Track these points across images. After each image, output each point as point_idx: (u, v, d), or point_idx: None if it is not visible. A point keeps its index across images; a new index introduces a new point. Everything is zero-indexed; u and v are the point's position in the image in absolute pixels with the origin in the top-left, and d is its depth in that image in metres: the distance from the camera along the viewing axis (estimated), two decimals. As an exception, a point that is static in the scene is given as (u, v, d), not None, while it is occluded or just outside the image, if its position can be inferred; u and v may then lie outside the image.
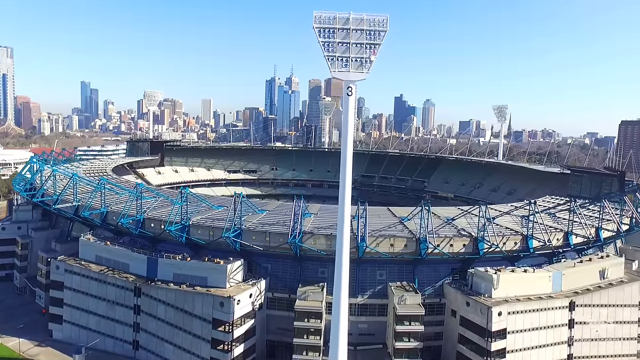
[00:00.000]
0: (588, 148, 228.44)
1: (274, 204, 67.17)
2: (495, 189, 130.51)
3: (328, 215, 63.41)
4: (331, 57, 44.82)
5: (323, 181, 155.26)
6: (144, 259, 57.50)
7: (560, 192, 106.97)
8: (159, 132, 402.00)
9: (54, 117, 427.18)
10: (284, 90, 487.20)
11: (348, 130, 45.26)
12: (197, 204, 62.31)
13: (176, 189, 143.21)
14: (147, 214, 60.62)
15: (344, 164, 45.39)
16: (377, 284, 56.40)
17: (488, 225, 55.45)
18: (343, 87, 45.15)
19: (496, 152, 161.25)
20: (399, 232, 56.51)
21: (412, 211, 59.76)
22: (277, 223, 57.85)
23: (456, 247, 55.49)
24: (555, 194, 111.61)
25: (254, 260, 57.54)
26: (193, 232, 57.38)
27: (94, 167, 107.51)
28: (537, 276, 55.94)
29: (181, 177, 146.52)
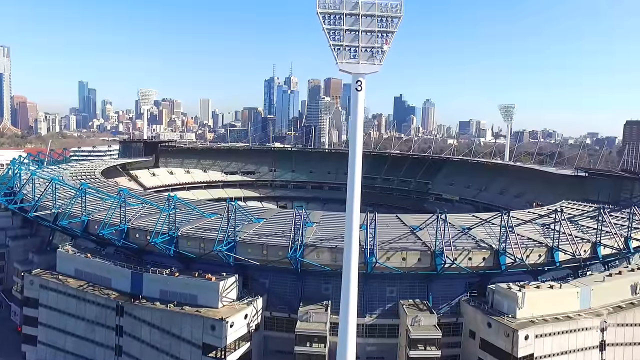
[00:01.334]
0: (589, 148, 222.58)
1: (272, 211, 61.06)
2: (503, 191, 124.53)
3: (332, 223, 57.29)
4: (338, 46, 38.65)
5: (323, 183, 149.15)
6: (127, 274, 51.23)
7: (573, 196, 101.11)
8: (156, 132, 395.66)
9: (50, 117, 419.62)
10: (283, 90, 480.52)
11: (357, 130, 39.16)
12: (187, 211, 55.93)
13: (172, 191, 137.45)
14: (132, 223, 54.29)
15: (352, 169, 39.27)
16: (387, 302, 50.25)
17: (509, 236, 49.38)
18: (352, 81, 38.98)
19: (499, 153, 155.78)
20: (411, 244, 50.33)
21: (425, 220, 53.50)
22: (276, 234, 51.60)
23: (475, 260, 49.34)
24: (567, 197, 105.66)
25: (250, 275, 51.34)
26: (182, 244, 51.11)
27: (83, 169, 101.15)
28: (565, 292, 49.89)
29: (176, 178, 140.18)
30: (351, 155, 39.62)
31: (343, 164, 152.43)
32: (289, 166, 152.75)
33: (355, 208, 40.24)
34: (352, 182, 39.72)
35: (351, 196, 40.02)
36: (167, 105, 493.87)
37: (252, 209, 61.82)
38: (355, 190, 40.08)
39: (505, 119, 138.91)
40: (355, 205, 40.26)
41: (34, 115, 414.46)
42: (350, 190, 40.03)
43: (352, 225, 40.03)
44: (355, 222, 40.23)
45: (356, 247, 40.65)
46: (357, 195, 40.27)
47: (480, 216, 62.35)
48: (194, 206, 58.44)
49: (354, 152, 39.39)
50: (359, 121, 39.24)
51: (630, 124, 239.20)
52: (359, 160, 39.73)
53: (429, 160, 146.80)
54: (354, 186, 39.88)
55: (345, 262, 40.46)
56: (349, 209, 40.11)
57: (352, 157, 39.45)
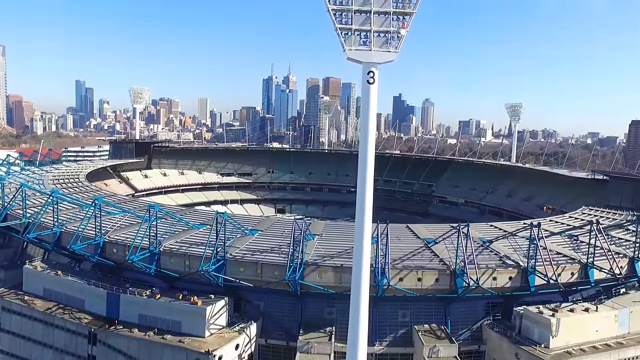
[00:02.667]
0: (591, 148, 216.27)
1: (268, 221, 54.12)
2: (511, 194, 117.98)
3: (335, 235, 50.46)
4: (345, 30, 31.83)
5: (323, 184, 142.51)
6: (102, 295, 44.26)
7: (587, 200, 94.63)
8: (154, 131, 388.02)
9: (47, 117, 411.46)
10: (282, 89, 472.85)
11: (369, 130, 32.39)
12: (172, 222, 48.92)
13: (165, 194, 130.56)
14: (109, 237, 47.31)
15: (363, 176, 32.64)
16: (400, 327, 43.45)
17: (536, 251, 42.65)
18: (362, 72, 32.14)
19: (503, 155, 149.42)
20: (427, 261, 43.50)
21: (442, 234, 46.59)
22: (272, 250, 44.71)
23: (500, 280, 42.56)
24: (580, 201, 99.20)
25: (242, 297, 44.47)
26: (164, 261, 44.18)
27: (68, 172, 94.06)
28: (601, 316, 43.26)
29: (170, 180, 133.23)
30: (362, 160, 32.91)
31: (343, 165, 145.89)
32: (287, 167, 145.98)
33: (366, 222, 33.60)
34: (363, 191, 33.08)
35: (362, 208, 33.33)
36: (165, 105, 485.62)
37: (245, 219, 54.90)
38: (367, 202, 33.47)
39: (512, 118, 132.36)
40: (367, 219, 33.61)
41: (30, 114, 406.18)
42: (360, 201, 33.35)
43: (362, 242, 33.54)
44: (366, 238, 33.67)
45: (367, 268, 33.98)
46: (368, 207, 33.63)
47: (501, 226, 55.66)
48: (179, 217, 51.28)
49: (365, 156, 32.70)
50: (371, 120, 32.41)
51: (635, 124, 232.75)
52: (371, 166, 33.14)
53: (432, 161, 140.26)
54: (364, 196, 33.20)
55: (354, 286, 33.87)
56: (359, 223, 33.52)
57: (363, 163, 32.79)
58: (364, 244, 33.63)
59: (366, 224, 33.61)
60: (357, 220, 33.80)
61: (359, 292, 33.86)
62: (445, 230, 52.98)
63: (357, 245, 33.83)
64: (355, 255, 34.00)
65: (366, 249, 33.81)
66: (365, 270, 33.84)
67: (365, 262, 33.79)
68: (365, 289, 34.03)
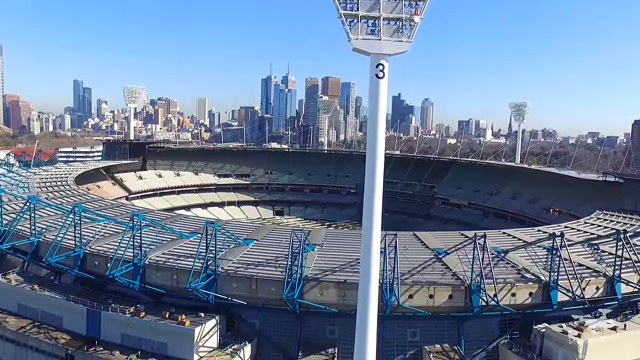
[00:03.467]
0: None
1: (265, 229, 49.68)
2: (516, 196, 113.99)
3: (337, 245, 46.18)
4: (351, 17, 27.59)
5: (322, 186, 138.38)
6: (82, 312, 39.95)
7: (595, 203, 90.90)
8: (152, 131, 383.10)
9: (44, 116, 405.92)
10: (280, 89, 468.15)
11: (378, 130, 28.25)
12: (158, 232, 44.53)
13: (160, 196, 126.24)
14: (90, 247, 43.01)
15: (372, 181, 28.51)
16: (409, 348, 39.21)
17: (558, 263, 38.48)
18: (370, 65, 27.93)
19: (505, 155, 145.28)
20: (439, 275, 39.24)
21: (456, 246, 42.40)
22: (268, 262, 40.41)
23: (520, 296, 38.39)
24: (589, 204, 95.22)
25: (236, 314, 40.20)
26: (150, 276, 39.90)
27: (57, 174, 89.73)
28: (630, 336, 39.15)
29: (165, 182, 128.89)
30: (370, 164, 28.76)
31: (343, 165, 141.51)
32: (285, 168, 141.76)
33: (374, 234, 29.54)
34: (371, 199, 28.98)
35: (369, 218, 29.20)
36: (163, 105, 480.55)
37: (239, 226, 50.53)
38: (375, 211, 29.35)
39: (516, 118, 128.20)
40: (375, 230, 29.51)
41: (27, 114, 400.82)
42: (368, 210, 29.25)
43: (370, 257, 29.52)
44: (374, 252, 29.58)
45: (375, 285, 29.88)
46: (376, 217, 29.50)
47: (514, 234, 51.42)
48: (166, 226, 46.80)
49: (373, 160, 28.54)
50: (380, 119, 28.20)
51: (639, 124, 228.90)
52: (380, 170, 29.08)
53: (434, 162, 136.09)
54: (373, 205, 29.08)
55: (360, 306, 29.84)
56: (367, 234, 29.55)
57: (372, 167, 28.66)
58: (372, 259, 29.59)
59: (374, 236, 29.54)
60: (364, 231, 29.69)
61: (367, 313, 29.84)
62: (455, 239, 49.08)
63: (365, 259, 29.78)
64: (363, 270, 29.92)
65: (374, 264, 29.75)
66: (373, 288, 29.81)
67: (374, 278, 29.73)
68: (374, 310, 29.96)
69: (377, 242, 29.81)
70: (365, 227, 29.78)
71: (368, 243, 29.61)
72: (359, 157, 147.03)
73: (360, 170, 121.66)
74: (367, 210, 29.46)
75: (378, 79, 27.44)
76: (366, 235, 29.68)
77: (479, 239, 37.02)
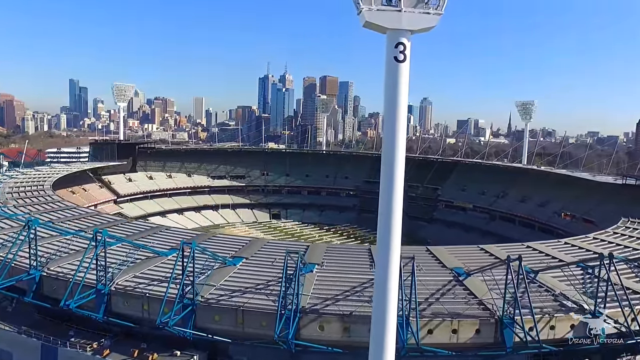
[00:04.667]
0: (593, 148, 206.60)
1: (255, 244, 42.40)
2: (524, 199, 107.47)
3: (340, 264, 39.19)
4: (361, -18, 20.73)
5: (321, 188, 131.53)
6: (36, 347, 33.14)
7: (609, 206, 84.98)
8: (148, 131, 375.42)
9: (39, 116, 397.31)
10: (278, 88, 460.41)
11: (397, 128, 21.70)
12: (130, 250, 37.51)
13: (151, 199, 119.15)
14: (48, 269, 36.04)
15: (389, 191, 21.91)
16: (426, 392, 32.45)
17: (605, 288, 31.85)
18: (386, 45, 21.09)
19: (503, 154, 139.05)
20: (463, 304, 32.36)
21: (478, 263, 35.61)
22: (257, 287, 33.48)
23: (560, 329, 31.64)
24: (604, 207, 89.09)
25: (220, 350, 33.33)
26: (117, 304, 33.03)
27: (36, 177, 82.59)
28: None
29: (156, 184, 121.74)
30: (387, 171, 22.16)
31: (342, 167, 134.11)
32: (282, 169, 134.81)
33: (393, 258, 22.77)
34: (388, 211, 22.29)
35: (386, 237, 22.51)
36: (160, 104, 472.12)
37: (225, 242, 43.48)
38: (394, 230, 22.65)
39: (523, 117, 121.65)
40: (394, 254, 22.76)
41: (22, 114, 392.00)
42: (384, 226, 22.59)
43: (386, 285, 22.73)
44: (392, 279, 22.82)
45: (393, 322, 23.16)
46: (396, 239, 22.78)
47: (541, 248, 44.64)
48: (141, 244, 39.58)
49: (391, 166, 21.97)
50: (400, 116, 21.45)
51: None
52: (400, 178, 22.35)
53: (437, 163, 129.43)
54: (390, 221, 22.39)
55: (374, 345, 23.12)
56: (383, 255, 22.88)
57: (389, 174, 22.06)
58: (389, 290, 22.85)
59: (392, 261, 22.83)
60: (379, 253, 23.03)
61: (382, 356, 23.11)
62: (474, 255, 42.41)
63: (380, 289, 23.15)
64: (376, 302, 23.25)
65: (392, 296, 23.01)
66: (390, 325, 23.04)
67: (391, 314, 22.99)
68: (391, 351, 23.27)
69: (395, 269, 23.10)
70: (381, 248, 23.14)
71: (384, 269, 22.96)
72: (358, 158, 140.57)
73: (360, 172, 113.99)
74: (383, 228, 22.81)
75: (397, 63, 20.62)
76: (382, 258, 23.07)
77: (513, 261, 30.21)
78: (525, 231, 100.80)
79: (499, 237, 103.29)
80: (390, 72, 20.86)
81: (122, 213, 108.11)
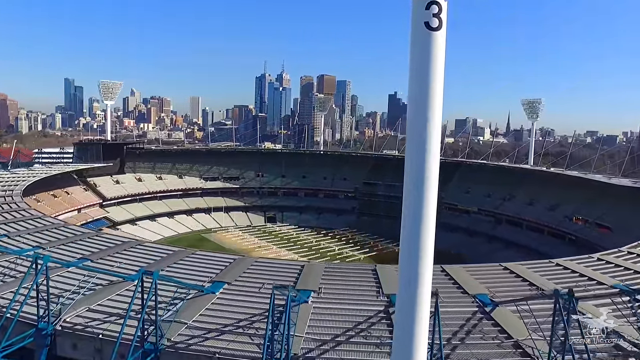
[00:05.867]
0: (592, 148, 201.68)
1: (240, 265, 35.21)
2: (532, 202, 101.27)
3: (342, 289, 32.19)
4: None
5: (318, 189, 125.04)
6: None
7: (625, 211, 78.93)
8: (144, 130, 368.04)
9: (32, 115, 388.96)
10: (275, 87, 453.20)
11: (430, 114, 14.77)
12: (87, 273, 30.68)
13: (139, 202, 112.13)
14: (-18, 300, 29.19)
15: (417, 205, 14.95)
16: None
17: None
18: (412, 8, 14.48)
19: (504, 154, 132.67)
20: (494, 346, 25.75)
21: (514, 300, 28.94)
22: (241, 325, 26.79)
23: (617, 379, 25.16)
24: (620, 212, 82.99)
25: (192, 402, 26.66)
26: (63, 347, 26.24)
27: (13, 179, 75.53)
28: None
29: (146, 186, 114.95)
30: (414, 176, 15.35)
31: (340, 167, 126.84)
32: (278, 170, 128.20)
33: (423, 297, 16.04)
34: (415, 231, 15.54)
35: (413, 273, 15.82)
36: (156, 104, 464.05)
37: (207, 260, 36.53)
38: (425, 260, 15.90)
39: (529, 116, 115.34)
40: (424, 291, 16.03)
41: (15, 113, 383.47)
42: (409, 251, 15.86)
43: (413, 330, 15.94)
44: (423, 326, 16.02)
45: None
46: (427, 274, 16.06)
47: (571, 266, 38.01)
48: (99, 268, 32.52)
49: (420, 171, 15.14)
50: (434, 101, 14.79)
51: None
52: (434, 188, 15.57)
53: (439, 164, 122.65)
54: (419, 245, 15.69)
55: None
56: (406, 296, 16.07)
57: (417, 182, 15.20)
58: (418, 342, 16.10)
59: (422, 302, 16.08)
60: (401, 293, 16.35)
61: None
62: (496, 274, 35.90)
63: (401, 339, 16.49)
64: None
65: (420, 349, 16.29)
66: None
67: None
68: None
69: (425, 315, 16.37)
70: (405, 289, 16.39)
71: (410, 315, 16.22)
72: (357, 159, 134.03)
73: (359, 173, 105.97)
74: (408, 260, 16.06)
75: (429, 32, 13.91)
76: (405, 298, 16.33)
77: (563, 296, 23.58)
78: (533, 236, 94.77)
79: (505, 242, 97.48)
80: (419, 45, 14.16)
81: (109, 217, 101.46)
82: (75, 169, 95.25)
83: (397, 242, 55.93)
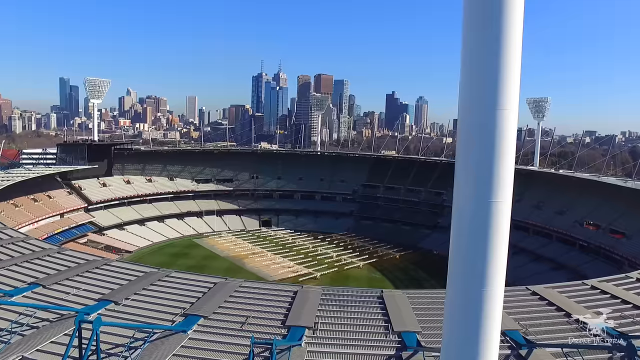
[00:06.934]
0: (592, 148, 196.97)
1: (223, 289, 29.20)
2: (539, 205, 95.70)
3: (341, 328, 26.29)
4: None
5: (315, 192, 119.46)
6: None
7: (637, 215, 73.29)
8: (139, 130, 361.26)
9: (27, 115, 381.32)
10: (272, 87, 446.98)
11: (506, 103, 9.18)
12: (26, 309, 24.61)
13: (128, 205, 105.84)
14: None
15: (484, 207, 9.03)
16: None
17: None
18: None
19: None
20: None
21: (554, 343, 23.14)
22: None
23: None
24: (631, 216, 77.56)
25: None
26: (-15, 411, 20.41)
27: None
28: None
29: (134, 189, 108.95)
30: (472, 178, 9.58)
31: (338, 169, 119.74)
32: (274, 172, 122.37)
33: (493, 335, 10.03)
34: (483, 258, 9.68)
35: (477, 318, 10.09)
36: (152, 103, 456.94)
37: (179, 284, 30.45)
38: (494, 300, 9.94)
39: (535, 116, 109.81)
40: None
41: (9, 112, 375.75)
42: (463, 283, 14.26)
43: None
44: None
45: None
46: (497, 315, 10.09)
47: (612, 290, 32.15)
48: (41, 304, 26.30)
49: (488, 172, 9.33)
50: (509, 81, 9.17)
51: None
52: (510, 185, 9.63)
53: (440, 165, 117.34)
54: (487, 277, 9.83)
55: None
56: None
57: (486, 178, 9.42)
58: None
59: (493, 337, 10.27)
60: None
61: None
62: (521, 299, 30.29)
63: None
64: None
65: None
66: None
67: None
68: None
69: None
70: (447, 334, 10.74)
71: None
72: (355, 160, 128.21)
73: (358, 175, 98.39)
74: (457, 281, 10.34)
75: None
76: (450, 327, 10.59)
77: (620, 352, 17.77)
78: (542, 241, 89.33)
79: (511, 248, 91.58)
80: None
81: (94, 222, 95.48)
82: (57, 171, 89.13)
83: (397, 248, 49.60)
